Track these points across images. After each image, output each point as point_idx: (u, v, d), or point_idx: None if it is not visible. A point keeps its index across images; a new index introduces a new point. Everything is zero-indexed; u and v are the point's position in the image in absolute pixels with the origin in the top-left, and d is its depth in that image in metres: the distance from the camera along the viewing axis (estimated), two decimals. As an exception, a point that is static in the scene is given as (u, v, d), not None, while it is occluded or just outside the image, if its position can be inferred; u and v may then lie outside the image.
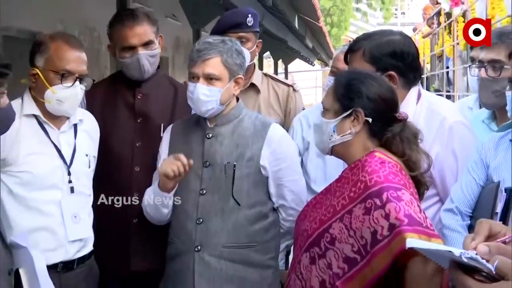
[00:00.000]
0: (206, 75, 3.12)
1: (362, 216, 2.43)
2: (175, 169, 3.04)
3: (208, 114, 3.19)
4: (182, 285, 3.22)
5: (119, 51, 3.58)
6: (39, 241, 3.05)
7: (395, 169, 2.53)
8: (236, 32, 3.78)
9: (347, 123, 2.63)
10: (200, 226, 3.19)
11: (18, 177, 3.09)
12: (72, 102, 3.17)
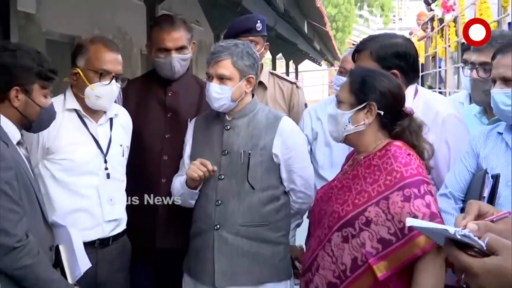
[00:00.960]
0: (218, 75, 3.14)
1: (401, 203, 2.43)
2: (201, 174, 3.10)
3: (221, 109, 3.20)
4: (203, 260, 3.23)
5: (155, 51, 3.58)
6: (78, 221, 3.07)
7: (419, 160, 2.56)
8: (247, 36, 3.79)
9: (361, 115, 2.62)
10: (219, 207, 3.20)
11: (60, 164, 3.10)
12: (108, 98, 3.18)
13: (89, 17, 5.76)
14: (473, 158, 2.82)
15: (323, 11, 15.74)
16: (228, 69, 3.14)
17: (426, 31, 16.60)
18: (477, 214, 1.50)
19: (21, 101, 2.68)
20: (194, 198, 3.26)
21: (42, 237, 2.70)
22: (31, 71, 2.68)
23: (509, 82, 2.61)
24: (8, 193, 2.53)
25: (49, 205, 3.00)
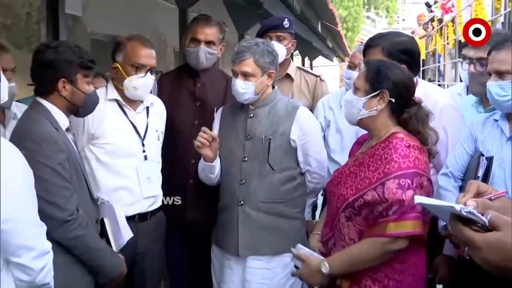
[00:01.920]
0: (243, 72, 3.15)
1: (396, 190, 2.44)
2: (200, 140, 3.12)
3: (246, 102, 3.22)
4: (229, 232, 3.25)
5: (188, 41, 3.60)
6: (120, 198, 3.09)
7: (417, 152, 2.55)
8: (275, 32, 3.84)
9: (374, 101, 2.62)
10: (242, 185, 3.22)
11: (104, 148, 3.13)
12: (144, 89, 3.19)
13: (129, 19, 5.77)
14: (472, 142, 2.82)
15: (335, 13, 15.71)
16: (251, 66, 3.15)
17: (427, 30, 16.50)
18: (476, 193, 1.50)
19: (68, 91, 2.70)
20: (213, 172, 3.27)
21: (89, 211, 2.73)
22: (73, 63, 2.70)
23: (502, 75, 2.62)
24: (60, 172, 2.57)
25: (94, 184, 3.03)
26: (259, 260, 3.22)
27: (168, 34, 6.99)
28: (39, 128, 2.61)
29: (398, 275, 2.53)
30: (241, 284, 3.24)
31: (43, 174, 2.49)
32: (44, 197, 2.43)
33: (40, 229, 2.13)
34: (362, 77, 2.69)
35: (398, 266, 2.54)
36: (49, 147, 2.56)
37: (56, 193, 2.55)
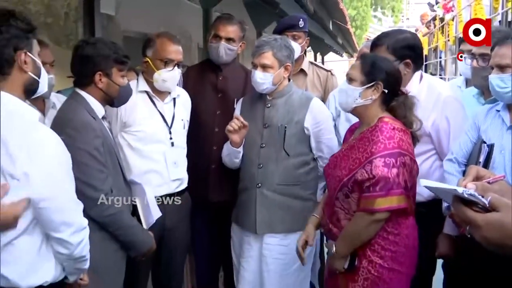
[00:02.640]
0: (262, 64, 3.16)
1: (382, 167, 2.50)
2: (233, 125, 3.13)
3: (264, 92, 3.23)
4: (247, 211, 3.27)
5: (211, 37, 3.59)
6: (150, 180, 3.10)
7: (402, 133, 2.59)
8: (291, 31, 3.81)
9: (369, 91, 2.67)
10: (260, 169, 3.23)
11: (135, 135, 3.14)
12: (172, 81, 3.20)
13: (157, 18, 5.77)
14: (475, 131, 2.83)
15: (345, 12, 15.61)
16: (270, 59, 3.16)
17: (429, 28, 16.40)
18: (475, 176, 1.49)
19: (104, 83, 2.71)
20: (237, 156, 3.28)
21: (122, 192, 2.75)
22: (109, 58, 2.71)
23: (503, 68, 2.63)
24: (97, 157, 2.59)
25: (127, 167, 3.04)
26: (275, 237, 3.23)
27: (192, 31, 6.98)
28: (78, 116, 2.62)
29: (392, 246, 2.59)
30: (259, 259, 3.26)
31: (81, 158, 2.51)
32: (81, 179, 2.45)
33: (78, 207, 2.14)
34: (357, 68, 2.72)
35: (392, 238, 2.60)
36: (87, 134, 2.58)
37: (93, 175, 2.57)
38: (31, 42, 2.05)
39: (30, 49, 2.04)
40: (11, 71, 2.00)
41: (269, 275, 3.22)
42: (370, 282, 2.59)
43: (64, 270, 2.16)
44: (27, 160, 1.92)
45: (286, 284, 3.24)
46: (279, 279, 3.23)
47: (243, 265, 3.32)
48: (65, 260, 2.12)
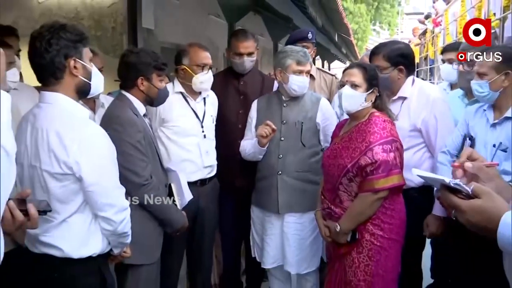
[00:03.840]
0: (307, 71, 3.19)
1: (382, 153, 2.55)
2: (266, 131, 3.06)
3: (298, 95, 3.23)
4: (269, 195, 3.23)
5: (233, 54, 3.56)
6: (185, 167, 3.08)
7: (390, 124, 2.67)
8: (301, 42, 3.76)
9: (371, 96, 2.72)
10: (280, 159, 3.19)
11: (172, 129, 3.14)
12: (208, 82, 3.20)
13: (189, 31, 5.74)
14: (465, 127, 2.80)
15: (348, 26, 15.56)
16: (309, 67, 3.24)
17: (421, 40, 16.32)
18: (469, 156, 1.50)
19: (145, 86, 2.70)
20: (262, 154, 3.22)
21: (160, 178, 2.73)
22: (150, 65, 2.70)
23: (482, 75, 2.61)
24: (139, 148, 2.57)
25: (166, 157, 3.05)
26: (294, 216, 3.21)
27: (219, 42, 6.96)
28: (123, 114, 2.62)
29: (389, 219, 2.65)
30: (280, 235, 3.24)
31: (126, 149, 2.51)
32: (126, 167, 2.47)
33: (120, 191, 2.15)
34: (360, 77, 2.72)
35: (389, 213, 2.65)
36: (131, 129, 2.58)
37: (136, 163, 2.56)
38: (81, 50, 2.04)
39: (79, 56, 2.03)
40: (64, 76, 2.02)
41: (290, 248, 3.21)
42: (374, 252, 2.63)
43: (110, 244, 2.17)
44: (78, 151, 1.95)
45: (304, 255, 3.22)
46: (298, 251, 3.21)
47: (267, 241, 3.29)
48: (110, 235, 2.13)
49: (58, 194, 2.00)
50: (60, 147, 1.94)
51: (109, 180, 2.08)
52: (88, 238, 2.08)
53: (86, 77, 2.07)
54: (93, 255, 2.08)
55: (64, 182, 1.99)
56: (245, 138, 3.37)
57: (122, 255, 2.30)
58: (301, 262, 3.21)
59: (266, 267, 3.34)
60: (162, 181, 2.76)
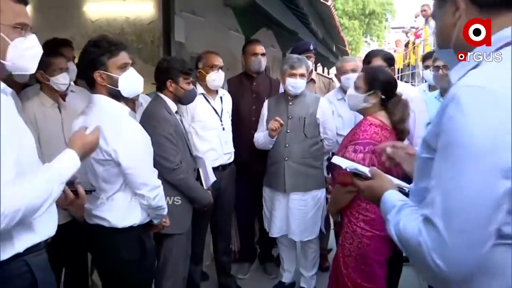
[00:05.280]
0: (301, 74, 3.13)
1: (352, 153, 2.31)
2: (275, 125, 3.05)
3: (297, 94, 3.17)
4: (278, 177, 3.20)
5: (249, 56, 3.60)
6: (210, 155, 3.07)
7: (378, 128, 2.36)
8: (305, 53, 3.72)
9: (370, 97, 2.42)
10: (287, 148, 3.15)
11: (199, 124, 3.11)
12: (220, 80, 3.15)
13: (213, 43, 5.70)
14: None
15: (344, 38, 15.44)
16: (304, 70, 3.15)
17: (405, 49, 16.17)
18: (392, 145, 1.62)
19: (173, 87, 2.67)
20: (272, 143, 3.19)
21: (189, 164, 2.71)
22: (178, 70, 2.66)
23: None
24: (170, 139, 2.56)
25: (195, 146, 3.04)
26: (297, 194, 3.18)
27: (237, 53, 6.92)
28: (158, 112, 2.61)
29: (364, 211, 2.35)
30: (286, 210, 3.22)
31: (160, 140, 2.49)
32: (161, 154, 2.46)
33: (152, 173, 2.14)
34: (362, 80, 2.51)
35: (364, 205, 2.35)
36: (164, 124, 2.56)
37: (168, 151, 2.54)
38: (105, 62, 2.00)
39: (104, 68, 2.00)
40: (95, 84, 2.04)
41: (295, 221, 3.19)
42: (350, 235, 2.39)
43: (149, 216, 2.17)
44: (115, 141, 1.98)
45: (306, 226, 3.20)
46: (301, 223, 3.19)
47: (274, 215, 3.27)
48: (147, 208, 2.13)
49: (103, 176, 2.04)
50: (102, 139, 1.92)
51: (142, 164, 2.07)
52: (129, 211, 2.08)
53: (113, 84, 2.02)
54: (133, 225, 2.09)
55: (107, 166, 2.02)
56: (258, 131, 3.34)
57: (162, 224, 2.29)
58: (303, 232, 3.20)
59: (273, 236, 3.33)
60: (191, 166, 2.74)
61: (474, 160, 0.93)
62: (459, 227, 0.94)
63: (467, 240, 0.94)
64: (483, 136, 0.92)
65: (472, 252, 0.95)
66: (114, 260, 2.09)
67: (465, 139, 0.94)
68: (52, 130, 2.58)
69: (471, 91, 0.96)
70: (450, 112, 0.97)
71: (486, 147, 0.93)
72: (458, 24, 1.13)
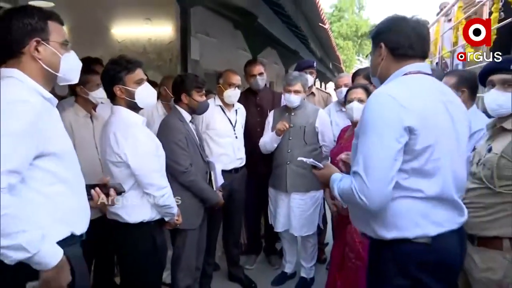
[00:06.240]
0: (295, 90, 3.05)
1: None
2: (284, 127, 3.00)
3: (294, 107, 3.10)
4: (281, 179, 3.13)
5: (249, 77, 3.52)
6: (223, 160, 3.01)
7: None
8: (308, 69, 3.71)
9: None
10: (289, 153, 3.08)
11: (214, 132, 3.07)
12: (235, 97, 3.12)
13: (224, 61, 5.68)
14: None
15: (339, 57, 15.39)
16: (299, 87, 3.07)
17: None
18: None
19: (188, 100, 2.61)
20: (277, 142, 3.11)
21: (200, 167, 2.63)
22: (191, 84, 2.61)
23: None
24: (180, 145, 2.51)
25: (209, 152, 2.99)
26: (298, 194, 3.11)
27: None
28: (171, 121, 2.58)
29: None
30: (288, 208, 3.15)
31: (171, 146, 2.45)
32: (172, 159, 2.42)
33: (158, 174, 2.10)
34: (364, 93, 2.54)
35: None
36: (175, 132, 2.52)
37: (179, 156, 2.49)
38: (123, 77, 2.01)
39: (123, 83, 2.01)
40: (116, 97, 2.05)
41: (295, 218, 3.13)
42: None
43: (159, 213, 2.13)
44: (126, 146, 1.97)
45: (304, 223, 3.13)
46: (300, 220, 3.12)
47: (278, 212, 3.20)
48: (155, 206, 2.09)
49: (118, 176, 2.01)
50: (115, 143, 1.97)
51: (149, 167, 2.04)
52: (140, 208, 2.05)
53: (131, 97, 2.03)
54: (143, 220, 2.06)
55: (120, 168, 2.00)
56: (263, 137, 3.27)
57: (174, 222, 2.24)
58: (302, 227, 3.13)
59: (277, 230, 3.26)
60: (203, 170, 2.67)
61: (378, 133, 1.35)
62: (373, 174, 1.34)
63: (378, 182, 1.34)
64: (381, 117, 1.36)
65: (382, 189, 1.34)
66: (130, 251, 2.06)
67: (371, 120, 1.37)
68: (85, 137, 2.58)
69: (376, 94, 1.42)
70: (365, 107, 1.42)
71: (384, 123, 1.36)
72: (381, 64, 1.53)
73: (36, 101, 1.28)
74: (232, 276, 3.36)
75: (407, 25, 1.48)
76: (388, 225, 1.42)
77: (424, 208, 1.39)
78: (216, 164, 2.79)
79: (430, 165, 1.37)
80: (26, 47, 1.34)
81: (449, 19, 5.65)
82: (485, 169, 1.75)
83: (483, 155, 1.81)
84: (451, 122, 1.44)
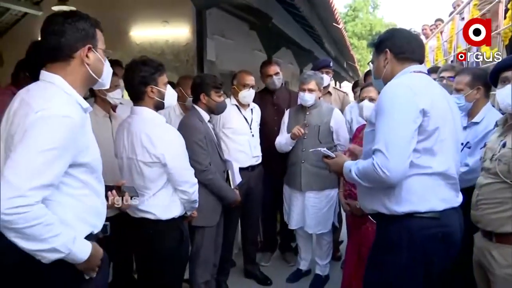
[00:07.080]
0: (309, 89, 3.06)
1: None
2: (299, 131, 3.02)
3: (308, 105, 3.10)
4: (295, 177, 3.14)
5: (265, 77, 3.54)
6: (239, 157, 3.04)
7: None
8: (325, 68, 3.71)
9: None
10: (303, 152, 3.08)
11: (230, 130, 3.10)
12: (250, 97, 3.14)
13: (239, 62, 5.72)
14: None
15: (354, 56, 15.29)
16: (314, 85, 3.08)
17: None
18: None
19: (206, 100, 2.64)
20: (292, 145, 3.14)
21: (218, 166, 2.67)
22: (210, 84, 2.64)
23: (459, 90, 2.39)
24: (201, 145, 2.54)
25: (227, 150, 3.02)
26: (312, 193, 3.11)
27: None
28: (190, 121, 2.60)
29: None
30: (302, 207, 3.17)
31: (192, 145, 2.47)
32: (192, 158, 2.40)
33: (191, 172, 2.15)
34: (375, 92, 2.56)
35: None
36: (194, 131, 2.55)
37: (198, 155, 2.52)
38: (156, 78, 2.05)
39: (155, 84, 2.04)
40: (145, 97, 2.06)
41: (309, 216, 3.14)
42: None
43: (185, 208, 2.17)
44: (162, 145, 2.00)
45: (319, 221, 3.14)
46: (315, 218, 3.13)
47: (292, 209, 3.22)
48: (185, 202, 2.14)
49: (150, 176, 2.04)
50: (150, 144, 1.99)
51: (182, 165, 2.09)
52: (171, 205, 2.09)
53: (161, 97, 2.07)
54: (175, 216, 2.10)
55: (154, 168, 2.03)
56: (279, 136, 3.29)
57: (192, 216, 2.29)
58: (317, 225, 3.14)
59: (292, 227, 3.29)
60: (221, 168, 2.71)
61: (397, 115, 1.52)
62: (394, 150, 1.48)
63: (398, 156, 1.49)
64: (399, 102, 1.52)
65: (402, 163, 1.49)
66: (157, 247, 2.09)
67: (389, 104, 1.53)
68: (104, 137, 2.61)
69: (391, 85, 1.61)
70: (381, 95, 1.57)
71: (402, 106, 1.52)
72: (386, 66, 1.70)
73: (76, 116, 1.28)
74: (248, 272, 3.40)
75: (408, 34, 1.72)
76: (402, 201, 1.57)
77: (432, 186, 1.57)
78: (234, 163, 2.82)
79: (438, 145, 1.56)
80: (77, 52, 1.35)
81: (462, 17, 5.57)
82: (501, 164, 1.77)
83: (497, 150, 1.81)
84: (451, 113, 1.65)
